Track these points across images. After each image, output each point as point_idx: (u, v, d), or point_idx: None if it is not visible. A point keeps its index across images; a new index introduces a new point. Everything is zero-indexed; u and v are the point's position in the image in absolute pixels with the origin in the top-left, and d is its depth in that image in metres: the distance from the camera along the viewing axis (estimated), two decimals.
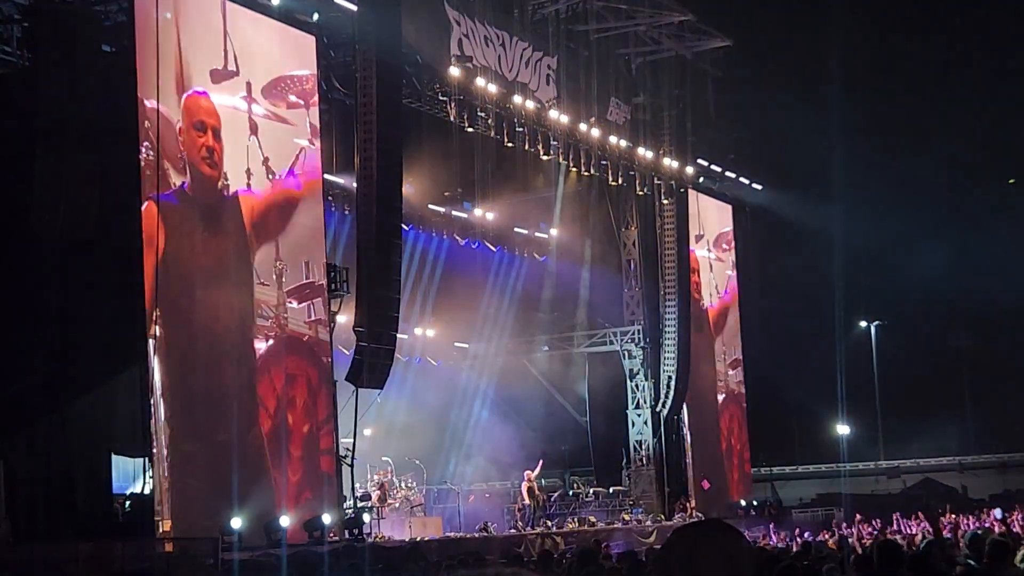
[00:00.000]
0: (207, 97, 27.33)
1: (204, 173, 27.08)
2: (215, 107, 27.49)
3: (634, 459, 44.42)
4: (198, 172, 26.92)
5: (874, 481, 58.36)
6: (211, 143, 27.27)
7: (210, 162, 27.23)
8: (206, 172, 27.13)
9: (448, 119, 35.15)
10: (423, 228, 41.83)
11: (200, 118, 27.10)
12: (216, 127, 27.42)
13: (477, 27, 35.28)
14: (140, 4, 25.61)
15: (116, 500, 25.15)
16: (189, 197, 26.63)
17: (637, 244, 45.68)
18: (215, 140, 27.37)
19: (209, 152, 27.22)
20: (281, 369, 28.42)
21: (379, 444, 37.28)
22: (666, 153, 43.46)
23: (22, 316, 24.86)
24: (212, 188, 27.27)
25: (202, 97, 27.23)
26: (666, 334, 44.06)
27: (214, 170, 27.33)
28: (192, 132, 26.87)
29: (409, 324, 41.08)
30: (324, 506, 28.34)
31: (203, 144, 27.09)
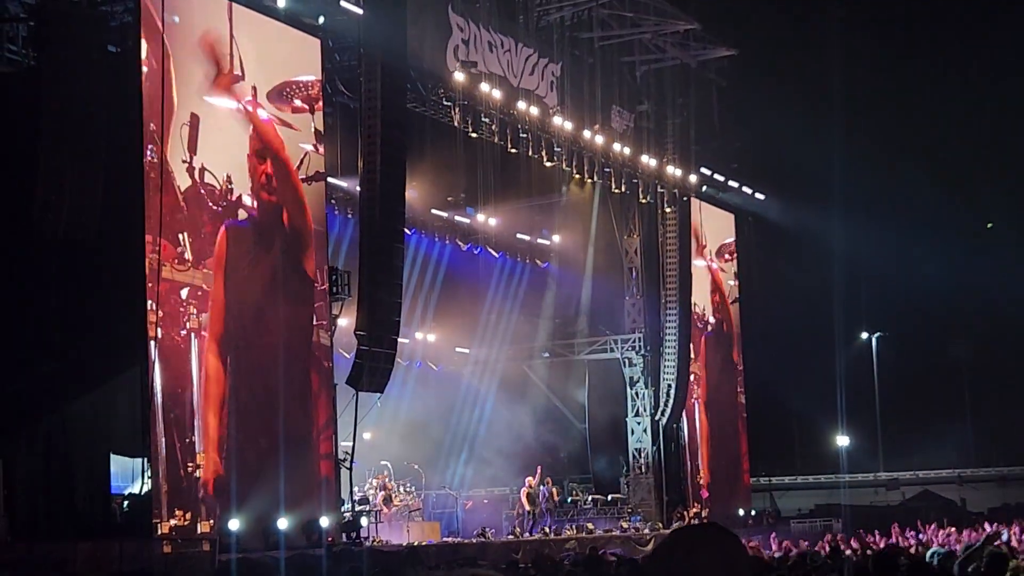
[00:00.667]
0: (271, 124, 27.93)
1: (264, 199, 28.09)
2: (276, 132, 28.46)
3: (633, 467, 44.41)
4: (260, 199, 28.01)
5: (873, 493, 58.31)
6: (270, 171, 28.17)
7: (268, 189, 28.23)
8: (265, 198, 28.17)
9: (452, 124, 35.18)
10: (425, 233, 41.84)
11: (261, 146, 28.03)
12: (277, 154, 28.53)
13: (481, 33, 35.30)
14: (146, 5, 25.63)
15: (115, 500, 25.16)
16: (255, 221, 27.84)
17: (639, 252, 45.68)
18: (273, 168, 28.34)
19: (268, 179, 28.17)
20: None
21: (378, 448, 37.27)
22: (669, 161, 43.48)
23: (23, 315, 24.87)
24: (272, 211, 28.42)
25: (267, 124, 27.94)
26: (666, 342, 44.07)
27: (273, 196, 28.44)
28: (254, 159, 27.89)
29: (410, 328, 41.07)
30: (323, 509, 28.34)
31: (263, 172, 28.00)
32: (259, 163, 27.91)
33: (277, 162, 28.43)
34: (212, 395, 26.23)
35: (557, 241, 46.89)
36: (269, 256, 28.20)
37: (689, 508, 43.54)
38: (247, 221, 27.62)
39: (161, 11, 25.73)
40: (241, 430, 26.83)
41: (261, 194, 28.00)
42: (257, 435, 27.33)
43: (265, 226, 28.16)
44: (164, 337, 25.37)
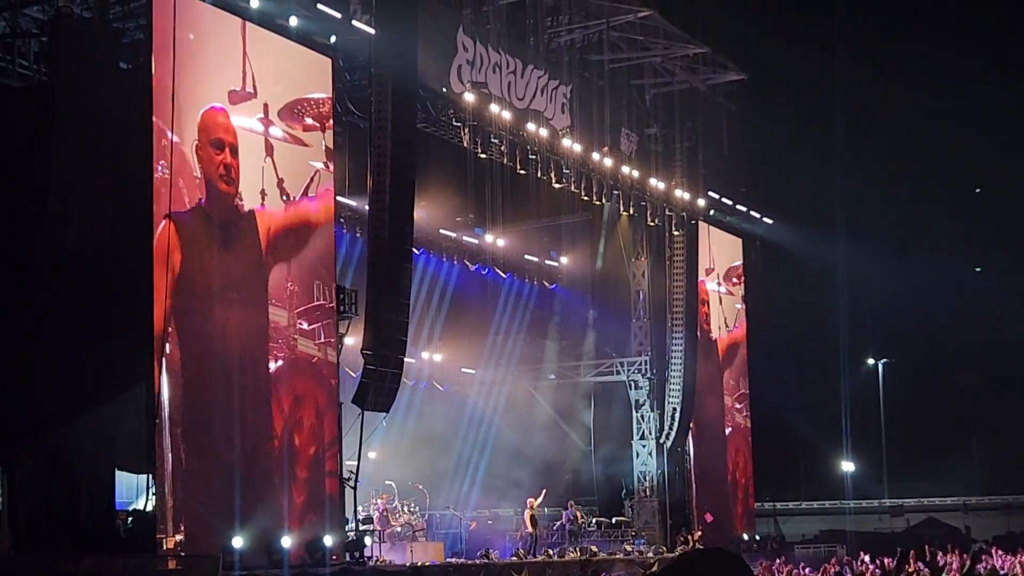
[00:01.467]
0: (224, 114, 27.39)
1: (220, 190, 27.10)
2: (232, 124, 27.55)
3: (638, 490, 44.34)
4: (215, 189, 26.96)
5: (877, 519, 58.20)
6: (228, 160, 27.32)
7: (227, 179, 27.27)
8: (222, 188, 27.16)
9: (461, 144, 35.21)
10: (434, 253, 41.87)
11: (218, 135, 27.16)
12: (234, 144, 27.48)
13: (489, 53, 35.32)
14: (159, 22, 25.69)
15: (119, 516, 25.12)
16: (205, 213, 26.64)
17: (646, 275, 45.67)
18: (232, 157, 27.41)
19: (227, 169, 27.27)
20: (289, 390, 28.45)
21: (383, 467, 37.23)
22: (677, 185, 43.52)
23: (30, 329, 24.87)
24: (229, 205, 27.32)
25: (219, 113, 27.29)
26: (672, 366, 44.03)
27: (230, 187, 27.36)
28: (209, 149, 26.93)
29: (417, 348, 41.08)
30: (326, 528, 28.30)
31: (220, 161, 27.15)
32: (215, 152, 27.03)
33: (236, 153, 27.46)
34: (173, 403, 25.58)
35: (565, 263, 46.87)
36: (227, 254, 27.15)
37: (693, 532, 43.42)
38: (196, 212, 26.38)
39: (174, 28, 25.77)
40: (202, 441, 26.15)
41: (218, 184, 26.96)
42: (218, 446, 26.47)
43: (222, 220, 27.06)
44: (178, 354, 25.34)
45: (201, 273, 26.38)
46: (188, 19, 26.30)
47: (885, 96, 58.36)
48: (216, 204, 26.95)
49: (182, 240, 25.83)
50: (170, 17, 25.71)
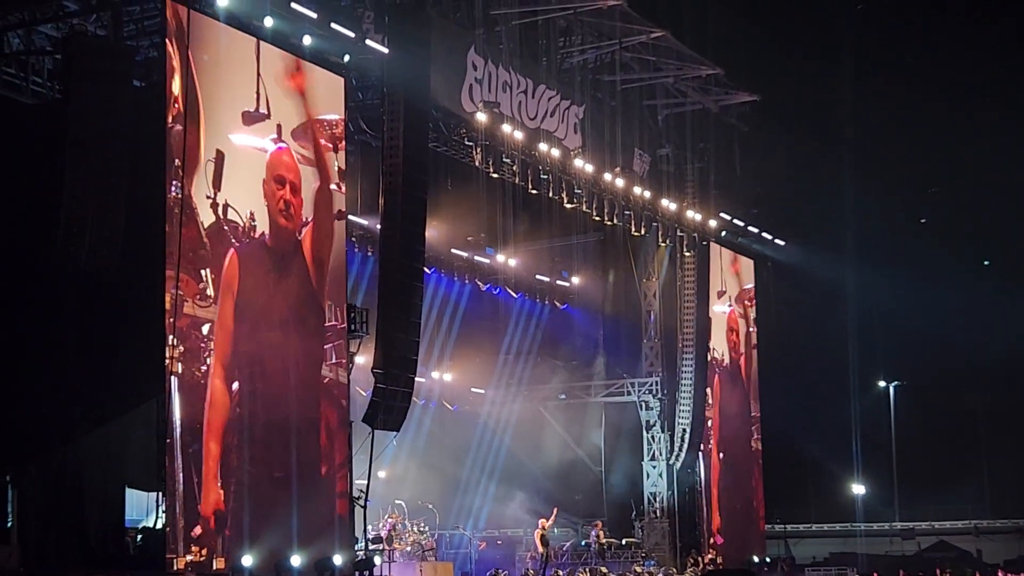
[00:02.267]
0: (289, 153, 28.18)
1: (280, 224, 27.93)
2: (295, 162, 28.43)
3: (648, 511, 44.25)
4: (276, 223, 27.86)
5: (888, 542, 57.93)
6: (288, 197, 28.10)
7: (286, 215, 28.10)
8: (281, 223, 27.99)
9: (473, 164, 35.24)
10: (445, 272, 41.88)
11: (280, 172, 27.99)
12: (294, 183, 28.36)
13: (499, 73, 35.34)
14: (173, 42, 25.72)
15: (128, 533, 25.11)
16: (267, 247, 27.67)
17: (658, 295, 45.64)
18: (292, 194, 28.21)
19: (286, 205, 28.07)
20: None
21: (393, 487, 37.20)
22: (689, 206, 43.53)
23: (41, 345, 24.89)
24: (289, 239, 28.27)
25: (284, 153, 28.07)
26: (682, 387, 43.98)
27: (290, 222, 28.24)
28: (272, 184, 27.77)
29: (427, 367, 41.10)
30: (336, 547, 28.27)
31: (280, 197, 27.92)
32: (277, 188, 27.91)
33: (297, 191, 28.40)
34: (214, 422, 26.04)
35: (576, 283, 46.84)
36: (284, 283, 28.12)
37: (703, 554, 43.31)
38: (258, 245, 27.53)
39: (187, 48, 25.83)
40: (251, 462, 26.70)
41: (279, 219, 27.96)
42: (268, 468, 27.21)
43: (279, 252, 28.05)
44: (184, 372, 25.37)
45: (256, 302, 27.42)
46: (202, 38, 26.37)
47: (896, 118, 58.25)
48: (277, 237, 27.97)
49: (242, 271, 26.91)
50: (184, 35, 25.79)
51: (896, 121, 57.78)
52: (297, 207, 28.34)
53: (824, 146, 56.10)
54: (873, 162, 57.51)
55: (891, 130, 58.11)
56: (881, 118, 56.89)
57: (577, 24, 38.52)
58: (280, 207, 27.89)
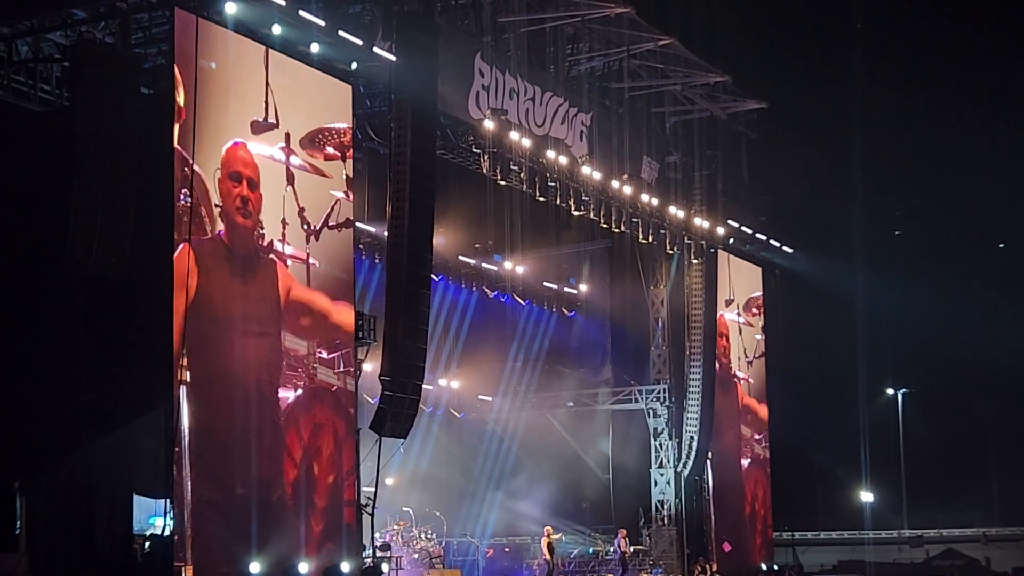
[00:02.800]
0: (245, 148, 27.48)
1: (237, 223, 27.18)
2: (252, 158, 27.62)
3: (655, 518, 44.19)
4: (232, 221, 27.05)
5: (897, 550, 57.83)
6: (245, 193, 27.39)
7: (243, 212, 27.32)
8: (239, 222, 27.23)
9: (481, 171, 35.24)
10: (452, 279, 41.87)
11: (236, 168, 27.23)
12: (252, 178, 27.54)
13: (506, 79, 35.34)
14: (180, 48, 25.77)
15: (136, 541, 25.11)
16: (224, 245, 26.80)
17: (665, 303, 45.61)
18: (250, 190, 27.49)
19: (243, 202, 27.34)
20: (309, 419, 28.45)
21: (401, 494, 37.19)
22: (697, 213, 43.49)
23: (50, 353, 24.92)
24: (247, 238, 27.41)
25: (240, 148, 27.39)
26: (690, 395, 43.93)
27: (247, 220, 27.43)
28: (228, 182, 27.04)
29: (434, 375, 41.09)
30: (343, 554, 28.26)
31: (237, 194, 27.23)
32: (233, 185, 27.10)
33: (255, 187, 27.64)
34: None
35: (584, 290, 46.82)
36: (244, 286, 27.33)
37: (711, 562, 43.25)
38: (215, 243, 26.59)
39: (195, 56, 25.83)
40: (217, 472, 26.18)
41: (236, 217, 27.08)
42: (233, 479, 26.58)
43: (241, 253, 27.21)
44: (193, 380, 25.35)
45: (217, 301, 26.40)
46: (210, 45, 26.38)
47: (905, 124, 58.31)
48: (234, 236, 27.02)
49: (200, 266, 25.86)
50: (192, 43, 25.81)
51: (905, 128, 57.84)
52: (255, 203, 27.54)
53: (832, 153, 56.13)
54: (881, 169, 57.52)
55: (899, 137, 58.16)
56: (889, 125, 56.90)
57: (585, 32, 38.53)
58: (237, 204, 27.14)
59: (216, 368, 26.33)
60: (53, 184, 25.10)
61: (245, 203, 27.35)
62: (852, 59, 56.34)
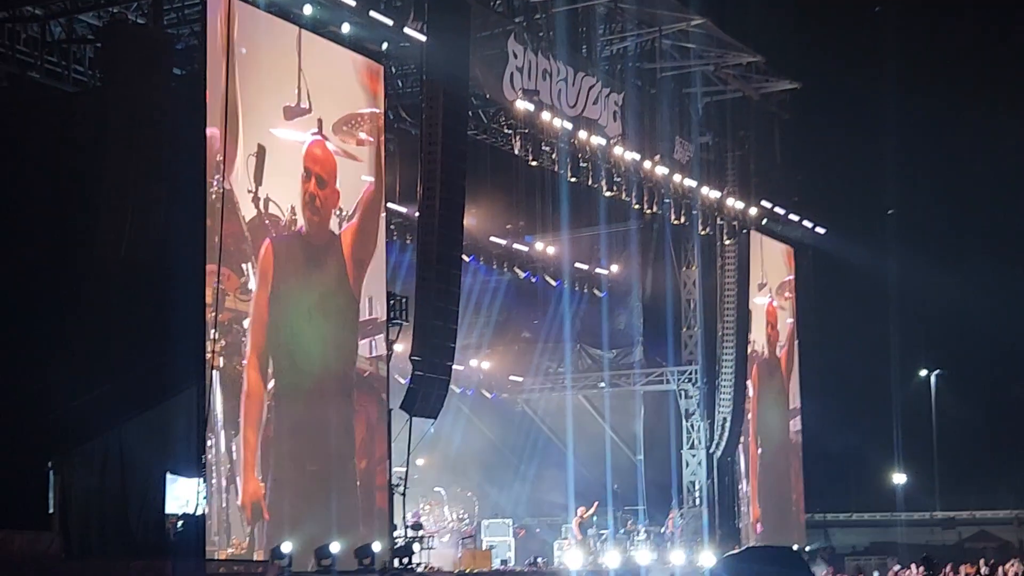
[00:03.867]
0: (321, 145, 28.17)
1: (308, 217, 27.91)
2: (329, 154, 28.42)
3: (687, 499, 44.15)
4: (308, 217, 27.88)
5: (929, 532, 57.68)
6: (313, 190, 27.98)
7: (312, 208, 27.98)
8: (309, 216, 27.92)
9: (512, 152, 35.19)
10: (483, 260, 41.82)
11: (307, 165, 27.95)
12: (321, 175, 28.23)
13: (539, 60, 35.24)
14: (212, 29, 25.78)
15: (169, 520, 25.23)
16: (303, 238, 27.65)
17: (697, 284, 45.48)
18: (318, 188, 28.09)
19: (311, 198, 27.95)
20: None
21: (432, 474, 37.26)
22: (730, 193, 43.35)
23: (82, 334, 25.02)
24: (322, 231, 28.22)
25: (316, 145, 28.05)
26: (722, 375, 43.83)
27: (316, 215, 28.12)
28: (300, 177, 27.73)
29: (465, 355, 41.09)
30: (375, 536, 28.34)
31: (306, 190, 27.82)
32: (304, 181, 27.81)
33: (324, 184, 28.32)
34: (251, 413, 26.20)
35: (615, 271, 46.75)
36: (317, 277, 28.17)
37: (741, 543, 43.19)
38: (295, 237, 27.58)
39: (228, 41, 25.83)
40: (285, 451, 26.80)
41: (306, 212, 27.87)
42: (303, 457, 27.28)
43: (314, 245, 28.08)
44: (226, 367, 25.50)
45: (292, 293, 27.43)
46: (242, 25, 26.40)
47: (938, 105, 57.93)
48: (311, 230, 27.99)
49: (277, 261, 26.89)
50: (224, 24, 25.82)
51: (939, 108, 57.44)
52: (324, 200, 28.19)
53: (865, 133, 55.81)
54: (915, 149, 57.18)
55: (933, 116, 57.77)
56: (923, 104, 56.51)
57: (618, 12, 38.41)
58: (306, 200, 27.82)
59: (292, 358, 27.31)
60: (86, 165, 25.19)
61: (313, 199, 28.08)
62: (886, 38, 56.00)
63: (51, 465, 24.74)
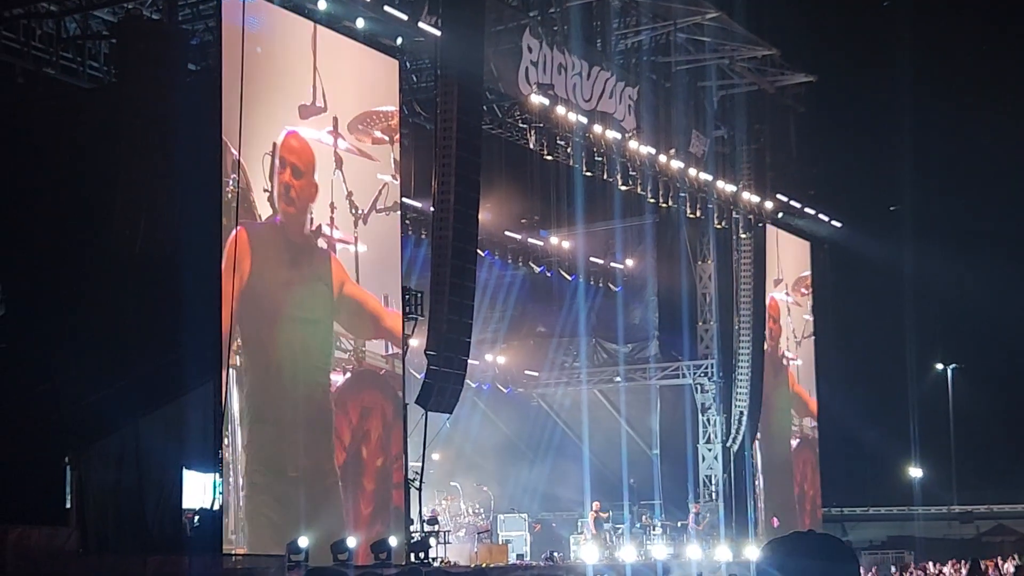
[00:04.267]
0: (296, 135, 27.72)
1: (285, 209, 27.44)
2: (306, 144, 27.86)
3: (703, 493, 44.10)
4: (283, 208, 27.34)
5: (947, 526, 57.57)
6: (289, 180, 27.55)
7: (287, 199, 27.52)
8: (285, 208, 27.47)
9: (527, 146, 35.17)
10: (498, 255, 41.83)
11: (283, 155, 27.51)
12: (297, 165, 27.73)
13: (554, 55, 35.21)
14: (228, 30, 25.74)
15: (185, 514, 25.26)
16: (279, 229, 27.13)
17: (713, 277, 45.40)
18: (294, 178, 27.64)
19: (286, 189, 27.48)
20: (357, 402, 28.60)
21: (447, 469, 37.26)
22: (745, 187, 43.26)
23: (97, 329, 25.05)
24: (298, 224, 27.66)
25: (292, 136, 27.64)
26: (739, 369, 43.74)
27: (291, 207, 27.60)
28: (277, 168, 27.28)
29: (480, 350, 41.09)
30: (391, 529, 28.36)
31: (283, 181, 27.44)
32: (280, 170, 27.35)
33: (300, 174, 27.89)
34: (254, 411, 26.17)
35: (630, 265, 46.71)
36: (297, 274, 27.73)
37: (757, 537, 43.12)
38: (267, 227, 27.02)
39: (242, 40, 25.79)
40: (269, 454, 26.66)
41: (280, 203, 27.38)
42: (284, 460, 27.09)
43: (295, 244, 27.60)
44: (242, 365, 25.49)
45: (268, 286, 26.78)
46: (258, 23, 26.39)
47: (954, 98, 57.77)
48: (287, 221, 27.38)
49: (253, 251, 26.19)
50: (239, 18, 25.80)
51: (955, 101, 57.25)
52: (299, 191, 27.76)
53: (881, 126, 55.65)
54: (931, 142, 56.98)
55: (949, 109, 57.58)
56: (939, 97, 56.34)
57: (632, 6, 38.35)
58: (280, 191, 27.40)
59: (267, 351, 26.62)
60: (102, 161, 25.21)
61: (287, 190, 27.48)
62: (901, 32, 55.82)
63: (68, 461, 24.76)
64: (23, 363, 24.94)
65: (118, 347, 24.76)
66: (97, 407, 24.52)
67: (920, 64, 54.95)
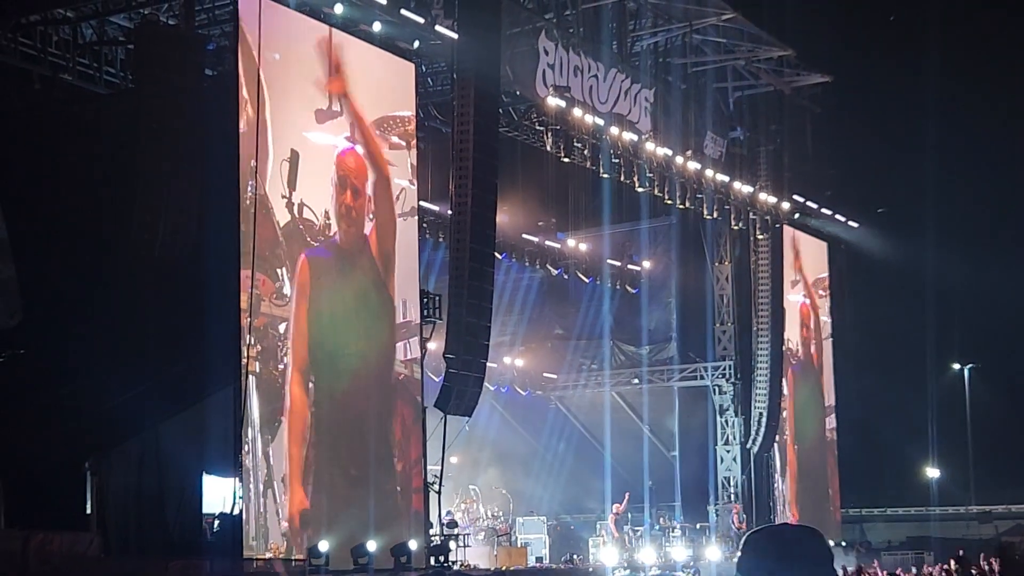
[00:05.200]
0: (354, 153, 28.08)
1: (344, 228, 27.89)
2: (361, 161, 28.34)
3: (722, 495, 44.03)
4: (342, 226, 27.83)
5: (965, 526, 57.38)
6: (349, 201, 28.00)
7: (348, 219, 28.01)
8: (344, 227, 27.91)
9: (544, 149, 35.15)
10: (516, 257, 41.81)
11: (342, 174, 27.94)
12: (356, 185, 28.21)
13: (570, 57, 35.18)
14: (244, 36, 25.74)
15: (206, 519, 25.30)
16: (338, 247, 27.76)
17: (731, 279, 45.34)
18: (354, 199, 28.12)
19: (347, 210, 27.98)
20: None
21: (466, 472, 37.26)
22: (762, 188, 43.19)
23: (118, 333, 25.10)
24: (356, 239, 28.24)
25: (349, 154, 28.00)
26: (758, 370, 43.65)
27: (352, 226, 28.16)
28: (335, 187, 27.73)
29: (499, 353, 41.09)
30: (411, 533, 28.36)
31: (342, 201, 27.81)
32: (339, 192, 27.87)
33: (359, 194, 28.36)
34: (296, 427, 26.35)
35: (648, 267, 46.69)
36: (351, 283, 28.23)
37: None
38: (328, 249, 27.62)
39: (259, 46, 25.80)
40: (328, 458, 26.90)
41: (342, 223, 27.95)
42: (344, 462, 27.38)
43: (348, 254, 28.16)
44: (262, 371, 25.56)
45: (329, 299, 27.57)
46: (274, 27, 26.40)
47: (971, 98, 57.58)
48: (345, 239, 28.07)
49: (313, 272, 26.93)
50: (255, 23, 25.81)
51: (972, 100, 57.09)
52: (359, 210, 28.27)
53: (898, 126, 55.49)
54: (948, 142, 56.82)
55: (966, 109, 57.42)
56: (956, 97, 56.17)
57: (647, 7, 38.31)
58: (342, 211, 27.89)
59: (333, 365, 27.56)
60: (118, 166, 25.25)
61: (349, 211, 28.15)
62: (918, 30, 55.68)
63: (88, 465, 24.84)
64: (43, 369, 25.00)
65: (138, 352, 24.82)
66: (117, 412, 24.58)
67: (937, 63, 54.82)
